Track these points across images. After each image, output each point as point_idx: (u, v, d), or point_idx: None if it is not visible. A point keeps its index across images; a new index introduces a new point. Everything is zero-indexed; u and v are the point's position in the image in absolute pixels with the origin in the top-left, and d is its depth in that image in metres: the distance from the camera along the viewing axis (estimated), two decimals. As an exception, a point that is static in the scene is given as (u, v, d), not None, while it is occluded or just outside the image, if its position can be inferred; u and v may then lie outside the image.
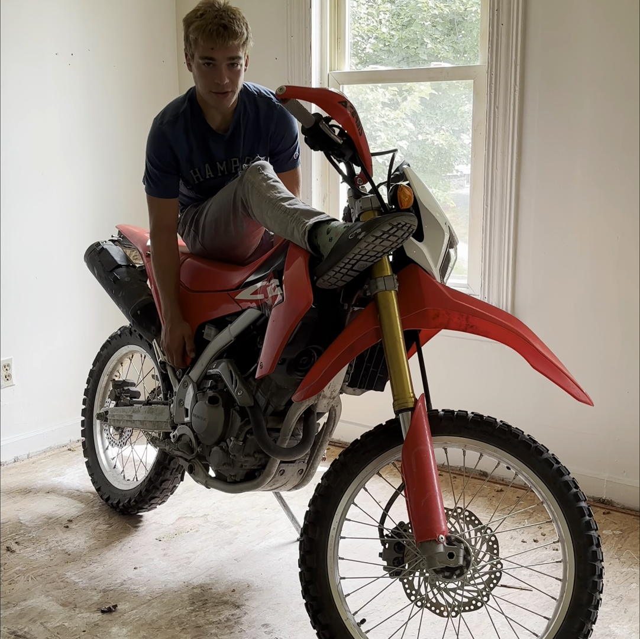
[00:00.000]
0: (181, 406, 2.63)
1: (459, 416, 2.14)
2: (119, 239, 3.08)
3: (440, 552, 1.96)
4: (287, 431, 2.35)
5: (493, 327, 2.07)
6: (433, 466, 1.99)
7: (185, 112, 2.59)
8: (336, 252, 2.07)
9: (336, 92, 2.15)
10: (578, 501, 2.04)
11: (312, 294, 2.10)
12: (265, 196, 2.32)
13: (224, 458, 2.44)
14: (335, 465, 2.19)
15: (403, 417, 2.07)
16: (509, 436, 2.10)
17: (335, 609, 2.13)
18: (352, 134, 2.14)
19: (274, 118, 2.61)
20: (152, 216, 2.68)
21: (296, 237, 2.20)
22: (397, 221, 2.00)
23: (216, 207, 2.54)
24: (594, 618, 2.01)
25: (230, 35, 2.41)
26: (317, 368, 2.11)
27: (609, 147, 3.03)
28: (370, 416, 2.79)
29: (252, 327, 2.43)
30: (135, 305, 2.81)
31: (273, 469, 2.40)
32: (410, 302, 2.10)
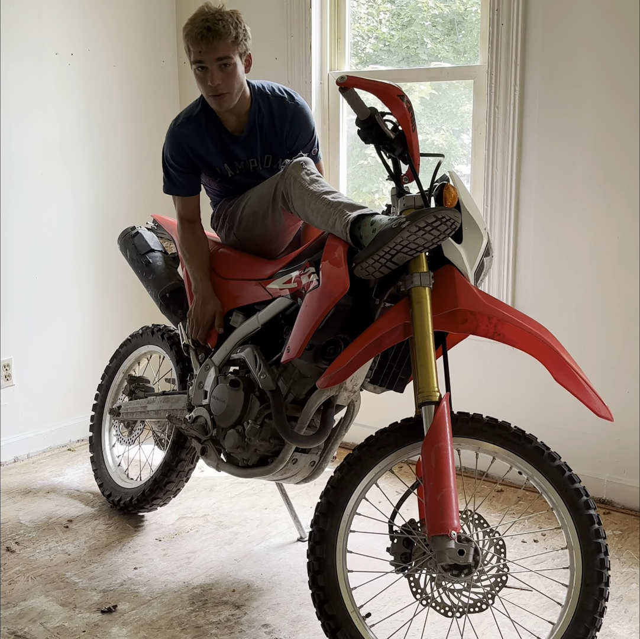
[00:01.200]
0: (201, 388, 2.64)
1: (475, 418, 2.15)
2: (153, 226, 3.10)
3: (451, 548, 1.96)
4: (305, 420, 2.35)
5: (521, 336, 2.08)
6: (451, 463, 1.99)
7: (198, 115, 2.62)
8: (378, 241, 2.08)
9: (395, 85, 2.13)
10: (588, 509, 2.05)
11: (349, 281, 2.12)
12: (308, 189, 2.35)
13: (239, 441, 2.45)
14: (350, 459, 2.20)
15: (426, 410, 2.07)
16: (523, 441, 2.11)
17: (341, 601, 2.13)
18: (405, 130, 2.15)
19: (287, 117, 2.63)
20: (176, 210, 2.77)
21: (337, 229, 2.21)
22: (442, 214, 2.02)
23: (255, 200, 2.57)
24: (598, 624, 2.02)
25: (215, 36, 2.42)
26: (344, 357, 2.12)
27: (609, 147, 3.03)
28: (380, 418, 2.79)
29: (281, 316, 2.45)
30: (165, 288, 2.85)
31: (287, 455, 2.40)
32: (443, 301, 2.11)
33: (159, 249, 2.99)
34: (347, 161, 3.79)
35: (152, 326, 3.16)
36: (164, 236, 3.06)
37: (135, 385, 3.19)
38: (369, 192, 3.90)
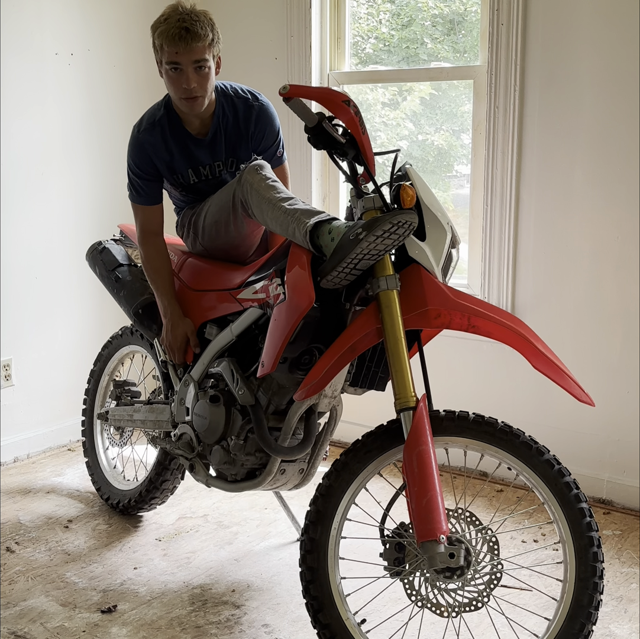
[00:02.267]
0: (182, 404, 2.63)
1: (461, 416, 2.14)
2: (120, 238, 3.08)
3: (441, 552, 1.96)
4: (288, 430, 2.35)
5: (495, 328, 2.07)
6: (434, 466, 1.99)
7: (161, 120, 2.58)
8: (338, 253, 2.07)
9: (339, 91, 2.16)
10: (579, 502, 2.04)
11: (314, 293, 2.11)
12: (264, 196, 2.32)
13: (224, 457, 2.44)
14: (337, 465, 2.19)
15: (404, 416, 2.07)
16: (511, 437, 2.10)
17: (335, 609, 2.12)
18: (355, 133, 2.14)
19: (252, 118, 2.59)
20: (137, 222, 2.69)
21: (298, 238, 2.20)
22: (398, 219, 2.01)
23: (215, 208, 2.54)
24: (594, 619, 2.01)
25: (194, 38, 2.38)
26: (319, 367, 2.11)
27: (609, 147, 3.03)
28: (371, 416, 2.79)
29: (254, 327, 2.43)
30: (136, 304, 2.81)
31: (274, 468, 2.40)
32: (412, 301, 2.10)
33: (127, 263, 2.94)
34: (347, 161, 3.78)
35: (131, 325, 3.14)
36: (132, 246, 3.02)
37: (120, 390, 3.16)
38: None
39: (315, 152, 3.69)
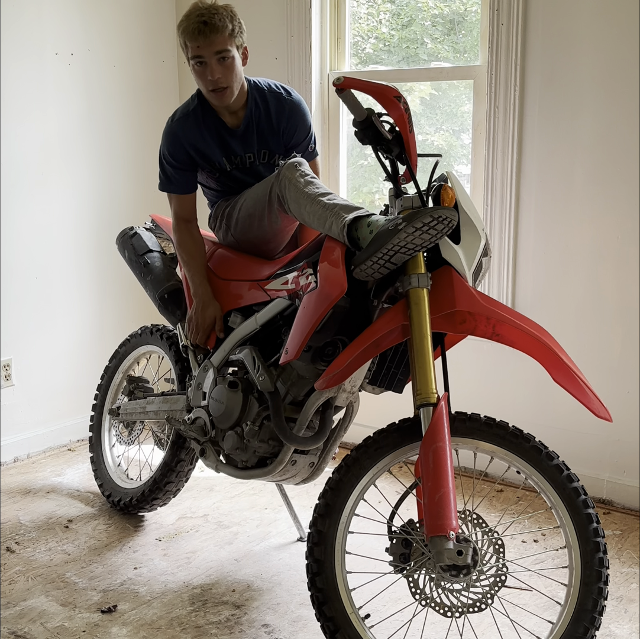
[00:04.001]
0: (199, 389, 2.64)
1: (472, 418, 2.15)
2: (151, 226, 3.10)
3: (450, 548, 1.96)
4: (304, 421, 2.35)
5: (520, 337, 2.08)
6: (449, 464, 2.00)
7: (195, 110, 2.62)
8: (375, 242, 2.08)
9: (392, 87, 2.14)
10: (586, 508, 2.05)
11: (346, 283, 2.12)
12: (303, 191, 2.34)
13: (237, 442, 2.45)
14: (347, 460, 2.20)
15: (424, 412, 2.07)
16: (521, 441, 2.11)
17: (340, 602, 2.13)
18: (403, 131, 2.14)
19: (285, 113, 2.63)
20: (171, 209, 2.75)
21: (334, 231, 2.21)
22: (439, 214, 2.02)
23: (251, 202, 2.57)
24: (598, 623, 2.02)
25: (212, 30, 2.43)
26: (342, 358, 2.12)
27: (609, 147, 3.03)
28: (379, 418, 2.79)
29: (279, 317, 2.45)
30: (163, 289, 2.85)
31: (286, 457, 2.40)
32: (441, 302, 2.11)
33: (157, 250, 2.99)
34: (347, 161, 3.79)
35: (151, 326, 3.16)
36: (162, 236, 3.05)
37: (134, 385, 3.19)
38: (369, 193, 3.90)
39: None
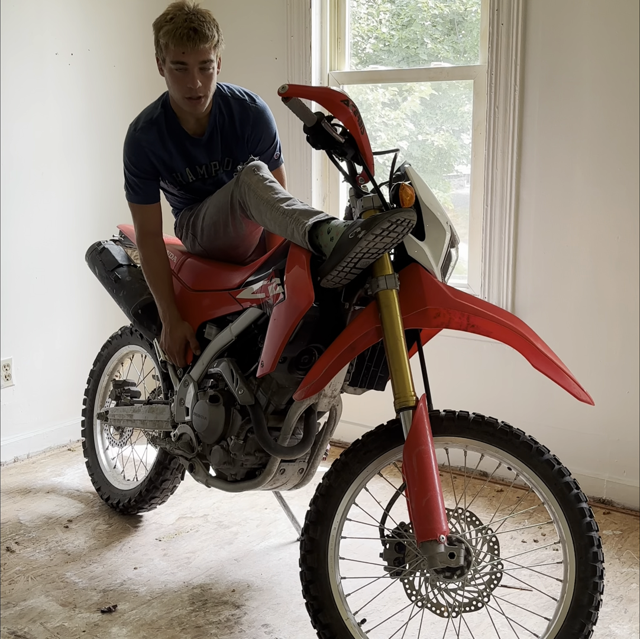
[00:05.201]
0: (182, 405, 2.63)
1: (461, 416, 2.14)
2: (120, 238, 3.08)
3: (441, 552, 1.96)
4: (288, 430, 2.35)
5: (494, 327, 2.07)
6: (434, 466, 1.99)
7: (159, 119, 2.57)
8: (338, 252, 2.08)
9: (338, 91, 2.16)
10: (579, 502, 2.04)
11: (313, 293, 2.11)
12: (262, 197, 2.32)
13: (224, 457, 2.44)
14: (337, 465, 2.19)
15: (404, 416, 2.07)
16: (511, 437, 2.10)
17: (335, 609, 2.12)
18: (354, 133, 2.14)
19: (249, 120, 2.59)
20: (135, 223, 2.69)
21: (297, 238, 2.20)
22: (396, 217, 2.01)
23: (213, 209, 2.54)
24: (594, 619, 2.01)
25: (201, 39, 2.39)
26: (318, 367, 2.12)
27: (609, 147, 3.03)
28: (371, 416, 2.79)
29: (253, 327, 2.43)
30: (136, 304, 2.81)
31: (274, 468, 2.40)
32: (412, 301, 2.10)
33: (127, 263, 2.94)
34: (347, 161, 3.78)
35: (130, 325, 3.14)
36: (132, 246, 3.01)
37: (120, 390, 3.17)
38: (369, 192, 3.90)
39: (315, 152, 3.69)
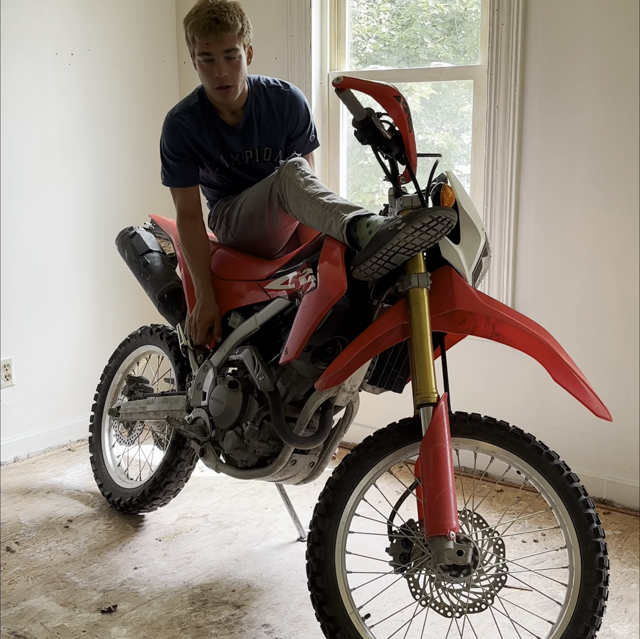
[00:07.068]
0: (199, 389, 2.64)
1: (473, 418, 2.15)
2: (151, 226, 3.10)
3: (450, 548, 1.96)
4: (304, 421, 2.35)
5: (519, 337, 2.08)
6: (450, 464, 2.00)
7: (195, 107, 2.63)
8: (375, 243, 2.09)
9: (391, 86, 2.14)
10: (587, 508, 2.05)
11: (346, 283, 2.12)
12: (303, 191, 2.35)
13: (237, 442, 2.45)
14: (348, 460, 2.20)
15: (424, 412, 2.07)
16: (521, 441, 2.11)
17: (340, 602, 2.13)
18: (402, 131, 2.15)
19: (286, 104, 2.65)
20: (176, 205, 2.74)
21: (334, 231, 2.21)
22: (438, 214, 2.02)
23: (251, 201, 2.57)
24: (598, 624, 2.02)
25: (223, 28, 2.44)
26: (342, 358, 2.12)
27: (609, 147, 3.03)
28: (380, 418, 2.78)
29: (279, 317, 2.45)
30: (163, 289, 2.85)
31: (286, 457, 2.40)
32: (441, 302, 2.11)
33: (157, 250, 2.99)
34: (347, 161, 3.79)
35: (150, 326, 3.16)
36: (162, 236, 3.05)
37: (134, 385, 3.19)
38: (369, 193, 3.90)
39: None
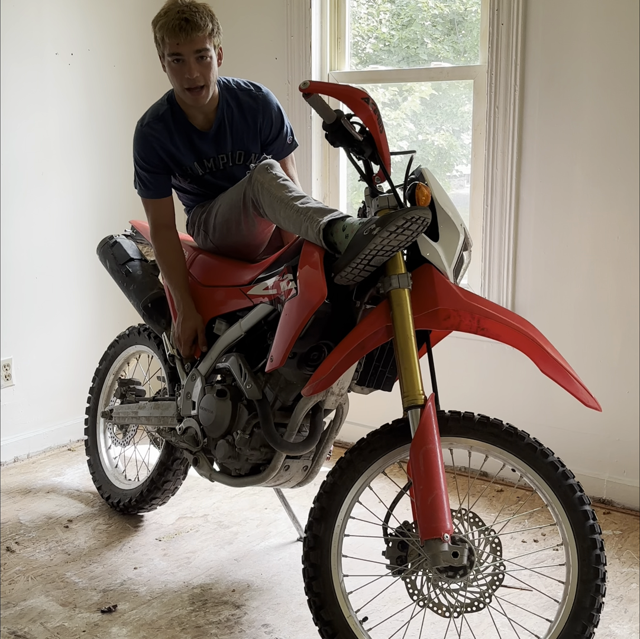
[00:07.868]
0: (188, 399, 2.64)
1: (466, 417, 2.14)
2: (132, 233, 3.09)
3: (445, 551, 1.96)
4: (294, 426, 2.35)
5: (504, 331, 2.07)
6: (440, 465, 1.99)
7: (165, 114, 2.59)
8: (352, 249, 2.08)
9: (359, 89, 2.15)
10: (582, 505, 2.04)
11: (326, 289, 2.12)
12: (276, 196, 2.33)
13: (229, 451, 2.45)
14: (342, 462, 2.19)
15: (412, 414, 2.07)
16: (515, 439, 2.11)
17: (337, 606, 2.12)
18: (373, 132, 2.15)
19: (259, 109, 2.61)
20: (148, 217, 2.71)
21: (311, 236, 2.21)
22: (411, 215, 2.01)
23: (226, 207, 2.55)
24: (596, 621, 2.01)
25: (193, 28, 2.42)
26: (328, 363, 2.12)
27: (609, 147, 3.03)
28: (375, 417, 2.79)
29: (263, 323, 2.44)
30: (146, 298, 2.83)
31: (278, 463, 2.40)
32: (423, 301, 2.10)
33: (138, 258, 2.96)
34: (346, 161, 3.78)
35: (138, 325, 3.15)
36: (143, 242, 3.03)
37: (126, 388, 3.17)
38: (369, 192, 3.90)
39: (315, 152, 3.69)
